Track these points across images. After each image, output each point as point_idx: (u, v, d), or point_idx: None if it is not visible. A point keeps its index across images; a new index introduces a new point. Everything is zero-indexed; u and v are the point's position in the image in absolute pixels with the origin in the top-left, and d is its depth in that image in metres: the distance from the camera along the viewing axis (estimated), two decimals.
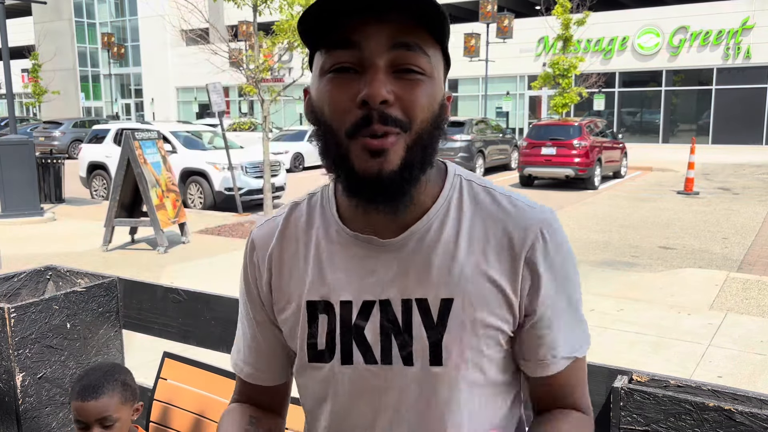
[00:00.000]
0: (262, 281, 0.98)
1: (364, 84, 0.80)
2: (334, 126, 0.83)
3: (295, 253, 0.96)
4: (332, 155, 0.84)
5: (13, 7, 36.27)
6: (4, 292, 2.29)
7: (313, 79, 0.87)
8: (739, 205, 11.15)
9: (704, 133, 25.09)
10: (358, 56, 0.81)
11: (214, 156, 11.41)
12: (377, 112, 0.79)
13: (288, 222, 0.98)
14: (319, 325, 0.92)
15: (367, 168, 0.81)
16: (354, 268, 0.91)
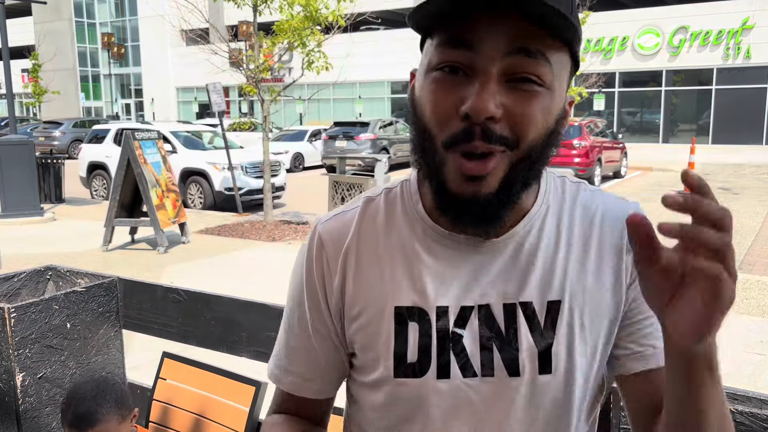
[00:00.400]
0: (333, 283, 0.86)
1: (470, 92, 0.70)
2: (433, 132, 0.74)
3: (375, 253, 0.84)
4: (427, 160, 0.76)
5: (13, 7, 36.25)
6: (4, 292, 2.29)
7: (421, 68, 0.78)
8: (739, 205, 11.15)
9: (704, 133, 25.08)
10: (469, 58, 0.71)
11: (214, 156, 11.42)
12: (480, 127, 0.70)
13: (364, 217, 0.86)
14: (410, 335, 0.81)
15: (460, 190, 0.73)
16: (448, 270, 0.81)
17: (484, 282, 0.81)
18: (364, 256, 0.84)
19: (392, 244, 0.84)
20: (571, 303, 0.81)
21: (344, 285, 0.85)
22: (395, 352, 0.81)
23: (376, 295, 0.83)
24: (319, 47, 9.05)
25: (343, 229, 0.86)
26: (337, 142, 17.43)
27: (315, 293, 0.87)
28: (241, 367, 2.09)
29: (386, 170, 8.30)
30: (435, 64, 0.73)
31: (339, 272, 0.85)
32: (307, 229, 8.95)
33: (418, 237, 0.83)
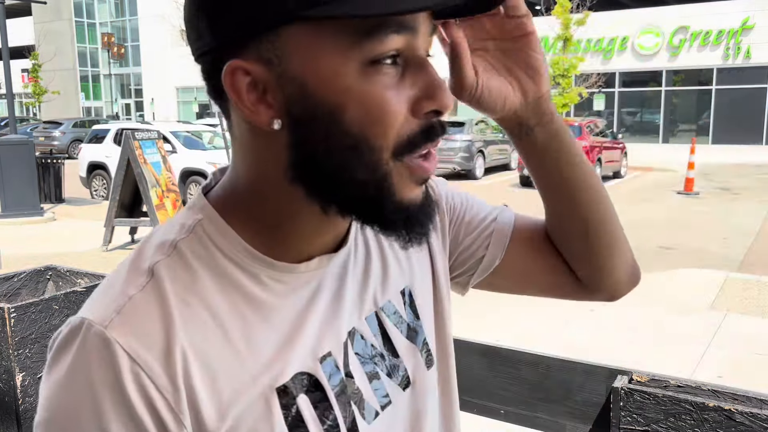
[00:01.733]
0: (175, 413, 0.55)
1: (426, 82, 0.57)
2: (375, 142, 0.56)
3: (216, 330, 0.59)
4: (355, 179, 0.57)
5: (13, 7, 36.25)
6: (4, 292, 2.29)
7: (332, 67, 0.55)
8: (739, 205, 11.15)
9: (704, 133, 25.09)
10: (413, 44, 0.57)
11: (214, 156, 11.42)
12: (440, 122, 0.59)
13: (171, 292, 0.58)
14: (304, 412, 0.61)
15: (411, 197, 0.60)
16: (310, 310, 0.64)
17: (345, 306, 0.67)
18: (204, 344, 0.57)
19: (229, 306, 0.60)
20: (413, 283, 0.77)
21: (195, 404, 0.56)
22: None
23: (243, 388, 0.59)
24: None
25: (154, 326, 0.56)
26: None
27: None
28: None
29: None
30: (375, 55, 0.55)
31: (181, 391, 0.55)
32: None
33: (258, 281, 0.62)
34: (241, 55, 0.55)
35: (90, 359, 0.54)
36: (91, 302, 0.58)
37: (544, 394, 1.40)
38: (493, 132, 17.29)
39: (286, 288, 0.63)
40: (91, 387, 0.53)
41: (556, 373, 1.36)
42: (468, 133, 15.67)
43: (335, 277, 0.68)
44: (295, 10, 0.52)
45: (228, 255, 0.61)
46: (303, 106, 0.55)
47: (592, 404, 1.34)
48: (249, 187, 0.62)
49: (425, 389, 0.74)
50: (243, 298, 0.61)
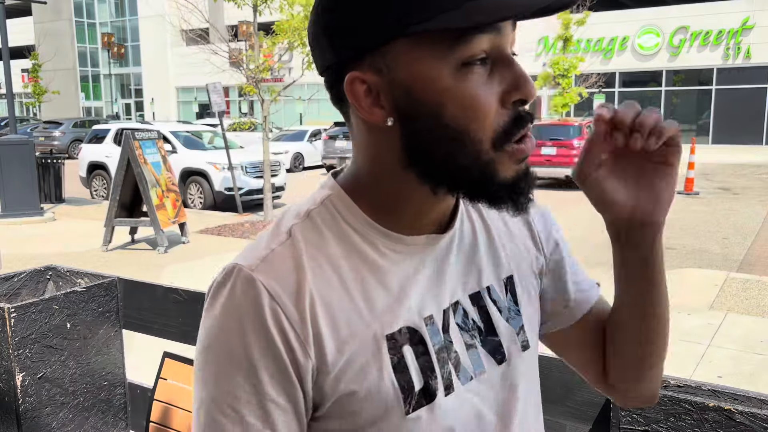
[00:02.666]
0: (302, 341, 0.67)
1: (511, 76, 0.66)
2: (474, 136, 0.66)
3: (339, 283, 0.70)
4: (460, 164, 0.67)
5: (13, 7, 36.26)
6: (4, 292, 2.29)
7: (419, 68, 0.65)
8: (739, 205, 11.15)
9: (704, 133, 25.09)
10: (495, 44, 0.65)
11: (214, 156, 11.43)
12: (528, 111, 0.68)
13: (305, 247, 0.71)
14: (408, 360, 0.71)
15: (512, 173, 0.69)
16: (418, 277, 0.74)
17: (449, 280, 0.77)
18: (328, 291, 0.69)
19: (351, 265, 0.72)
20: (519, 274, 0.84)
21: (318, 337, 0.68)
22: (401, 386, 0.70)
23: (358, 331, 0.69)
24: None
25: (288, 271, 0.69)
26: (337, 142, 17.44)
27: (276, 363, 0.67)
28: None
29: None
30: (465, 58, 0.64)
31: (307, 325, 0.67)
32: None
33: (376, 249, 0.73)
34: (358, 67, 0.67)
35: (239, 296, 0.68)
36: (241, 254, 0.72)
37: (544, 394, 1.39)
38: None
39: (398, 256, 0.74)
40: (239, 318, 0.67)
41: (556, 373, 1.35)
42: None
43: (439, 254, 0.77)
44: (399, 28, 0.63)
45: (351, 224, 0.73)
46: (409, 106, 0.66)
47: (592, 404, 1.34)
48: (368, 173, 0.73)
49: (519, 369, 0.80)
50: (361, 260, 0.72)
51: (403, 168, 0.70)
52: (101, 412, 2.22)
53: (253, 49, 9.44)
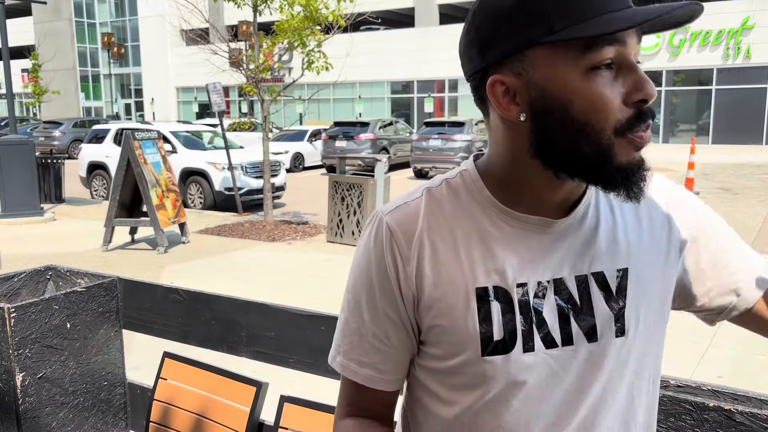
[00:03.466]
0: (407, 271, 0.87)
1: (633, 80, 0.78)
2: (597, 126, 0.78)
3: (449, 237, 0.87)
4: (584, 152, 0.79)
5: (13, 7, 36.26)
6: (4, 292, 2.29)
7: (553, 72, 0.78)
8: (739, 205, 11.15)
9: (704, 133, 25.09)
10: (623, 52, 0.78)
11: (214, 156, 11.42)
12: (649, 109, 0.79)
13: (430, 206, 0.90)
14: (493, 314, 0.85)
15: (630, 159, 0.79)
16: (522, 249, 0.86)
17: (555, 258, 0.86)
18: (439, 242, 0.87)
19: (465, 228, 0.87)
20: (637, 269, 0.88)
21: (420, 272, 0.87)
22: (481, 332, 0.84)
23: (455, 278, 0.86)
24: (319, 47, 9.05)
25: (410, 219, 0.89)
26: (337, 142, 17.43)
27: (387, 282, 0.88)
28: (241, 367, 2.09)
29: (386, 170, 8.30)
30: (594, 63, 0.77)
31: (413, 260, 0.87)
32: (308, 230, 8.95)
33: (491, 220, 0.87)
34: (499, 71, 0.80)
35: (374, 230, 0.90)
36: (388, 203, 0.92)
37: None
38: None
39: (508, 228, 0.87)
40: (370, 246, 0.90)
41: None
42: (468, 133, 15.68)
43: (551, 235, 0.87)
44: (537, 39, 0.77)
45: (473, 195, 0.89)
46: (543, 103, 0.79)
47: None
48: (500, 160, 0.87)
49: (609, 353, 0.86)
50: (474, 223, 0.87)
51: (530, 156, 0.82)
52: (101, 412, 2.22)
53: (253, 49, 9.44)
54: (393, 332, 0.91)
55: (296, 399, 1.78)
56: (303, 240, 8.41)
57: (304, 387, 2.25)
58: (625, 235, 0.90)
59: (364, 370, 0.93)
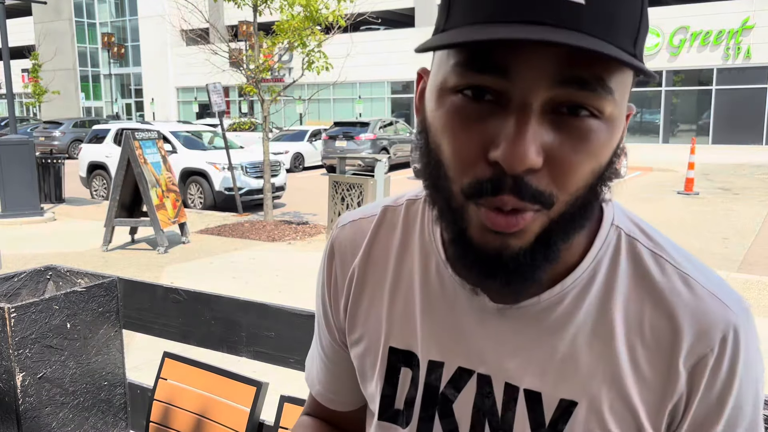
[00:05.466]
0: (339, 301, 0.77)
1: (503, 130, 0.53)
2: (450, 173, 0.57)
3: (381, 280, 0.73)
4: (441, 199, 0.59)
5: (13, 7, 36.26)
6: (4, 292, 2.29)
7: (433, 81, 0.60)
8: (739, 205, 11.15)
9: (704, 133, 25.09)
10: (504, 87, 0.53)
11: (214, 156, 11.42)
12: (512, 178, 0.53)
13: (378, 233, 0.75)
14: (400, 379, 0.71)
15: (485, 241, 0.57)
16: (453, 323, 0.68)
17: (490, 349, 0.66)
18: (369, 283, 0.74)
19: (402, 273, 0.72)
20: (590, 411, 0.63)
21: (347, 307, 0.77)
22: (384, 394, 0.72)
23: (371, 327, 0.74)
24: (319, 47, 9.05)
25: (355, 243, 0.76)
26: (337, 142, 17.43)
27: (325, 304, 0.80)
28: (241, 367, 2.09)
29: (386, 170, 8.30)
30: (453, 86, 0.56)
31: (344, 292, 0.77)
32: (308, 230, 8.95)
33: (428, 274, 0.70)
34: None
35: (327, 243, 0.80)
36: (352, 211, 0.81)
37: None
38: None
39: (444, 290, 0.69)
40: (321, 262, 0.81)
41: None
42: None
43: (495, 318, 0.66)
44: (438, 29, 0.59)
45: (425, 229, 0.72)
46: (422, 118, 0.63)
47: None
48: None
49: None
50: (408, 267, 0.72)
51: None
52: (101, 412, 2.22)
53: (253, 49, 9.44)
54: (331, 354, 0.83)
55: (296, 399, 1.78)
56: (303, 240, 8.41)
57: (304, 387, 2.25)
58: (597, 358, 0.63)
59: (316, 387, 0.88)
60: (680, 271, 0.63)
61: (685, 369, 0.61)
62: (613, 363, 0.62)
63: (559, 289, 0.63)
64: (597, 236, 0.65)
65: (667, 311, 0.62)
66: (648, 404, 0.62)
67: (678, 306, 0.62)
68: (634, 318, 0.62)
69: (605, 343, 0.62)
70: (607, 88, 0.53)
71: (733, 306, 0.62)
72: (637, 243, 0.65)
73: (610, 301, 0.63)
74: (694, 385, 0.61)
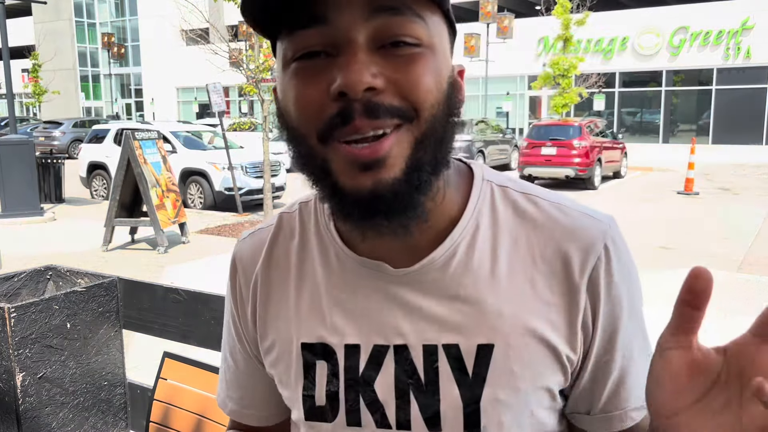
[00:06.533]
0: (246, 311, 0.78)
1: (337, 67, 0.58)
2: (303, 130, 0.61)
3: (284, 281, 0.75)
4: (308, 168, 0.63)
5: (13, 7, 36.25)
6: (4, 292, 2.29)
7: (279, 67, 0.65)
8: (739, 205, 11.15)
9: (704, 133, 25.08)
10: (328, 34, 0.59)
11: (214, 156, 11.42)
12: (360, 102, 0.57)
13: (277, 239, 0.77)
14: (317, 375, 0.71)
15: (356, 185, 0.59)
16: (361, 303, 0.70)
17: (400, 318, 0.68)
18: (273, 285, 0.76)
19: (304, 271, 0.74)
20: (507, 348, 0.66)
21: (255, 315, 0.77)
22: (303, 393, 0.72)
23: (281, 328, 0.74)
24: None
25: (255, 252, 0.78)
26: None
27: (234, 319, 0.81)
28: None
29: None
30: (291, 56, 0.61)
31: (250, 301, 0.77)
32: None
33: (330, 263, 0.72)
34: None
35: (231, 258, 0.82)
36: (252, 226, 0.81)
37: None
38: (493, 132, 17.33)
39: (346, 274, 0.71)
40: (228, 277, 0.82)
41: None
42: (468, 133, 15.68)
43: (396, 287, 0.69)
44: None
45: (319, 224, 0.75)
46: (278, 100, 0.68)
47: None
48: None
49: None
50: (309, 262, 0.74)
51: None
52: (101, 412, 2.22)
53: (253, 49, 9.44)
54: (244, 366, 0.82)
55: None
56: None
57: None
58: (500, 300, 0.67)
59: (229, 405, 0.86)
60: (551, 202, 0.71)
61: (582, 282, 0.67)
62: (516, 300, 0.67)
63: (449, 244, 0.68)
64: (472, 190, 0.71)
65: (551, 238, 0.68)
66: (559, 328, 0.67)
67: (558, 231, 0.68)
68: (525, 253, 0.68)
69: (505, 283, 0.67)
70: (416, 13, 0.60)
71: (603, 219, 0.70)
72: (509, 190, 0.72)
73: (499, 243, 0.68)
74: (595, 293, 0.67)
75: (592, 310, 0.68)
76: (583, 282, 0.67)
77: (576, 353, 0.68)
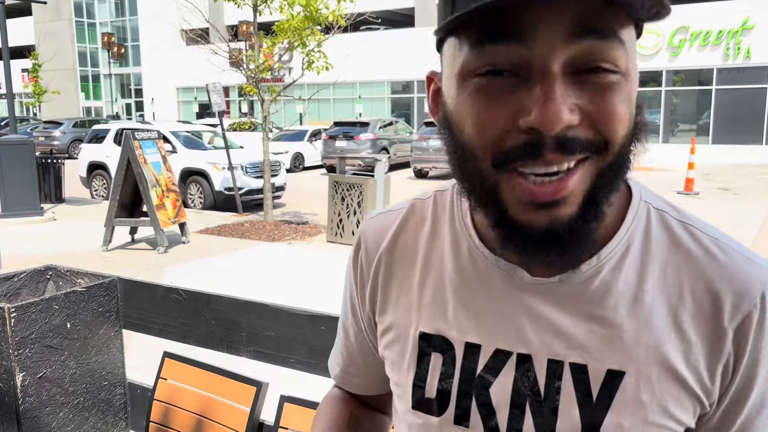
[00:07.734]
0: (366, 290, 0.78)
1: (530, 98, 0.54)
2: (476, 151, 0.58)
3: (410, 268, 0.73)
4: (474, 187, 0.61)
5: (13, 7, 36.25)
6: (4, 292, 2.29)
7: (449, 77, 0.61)
8: (739, 205, 11.15)
9: (704, 133, 25.08)
10: (521, 54, 0.54)
11: (214, 156, 11.42)
12: (554, 139, 0.54)
13: (406, 224, 0.75)
14: (431, 366, 0.70)
15: (530, 221, 0.57)
16: (488, 303, 0.67)
17: (529, 327, 0.65)
18: (396, 269, 0.75)
19: (431, 260, 0.72)
20: (639, 377, 0.62)
21: (374, 296, 0.77)
22: (414, 382, 0.71)
23: (401, 314, 0.73)
24: (319, 47, 9.05)
25: (382, 233, 0.77)
26: (337, 142, 17.44)
27: (352, 294, 0.81)
28: (241, 367, 2.09)
29: (386, 170, 8.30)
30: (473, 69, 0.57)
31: (370, 281, 0.77)
32: (308, 229, 8.95)
33: (461, 257, 0.70)
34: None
35: (357, 234, 0.80)
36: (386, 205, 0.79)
37: None
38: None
39: (476, 270, 0.69)
40: (351, 252, 0.81)
41: None
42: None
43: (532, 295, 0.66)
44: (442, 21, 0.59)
45: (455, 218, 0.72)
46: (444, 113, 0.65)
47: None
48: None
49: None
50: (439, 254, 0.72)
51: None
52: (101, 412, 2.22)
53: (253, 49, 9.44)
54: (355, 342, 0.84)
55: (296, 399, 1.78)
56: (303, 240, 8.40)
57: (304, 387, 2.25)
58: (640, 326, 0.63)
59: (336, 370, 0.90)
60: (710, 237, 0.65)
61: (731, 328, 0.62)
62: (656, 330, 0.63)
63: (596, 261, 0.64)
64: (629, 210, 0.66)
65: (705, 275, 0.63)
66: (697, 370, 0.63)
67: (714, 269, 0.63)
68: (672, 284, 0.63)
69: (647, 311, 0.63)
70: (619, 38, 0.55)
71: (765, 265, 0.64)
72: (666, 215, 0.67)
73: (648, 270, 0.64)
74: (741, 343, 0.62)
75: (734, 360, 0.63)
76: (731, 328, 0.62)
77: (710, 399, 0.64)
